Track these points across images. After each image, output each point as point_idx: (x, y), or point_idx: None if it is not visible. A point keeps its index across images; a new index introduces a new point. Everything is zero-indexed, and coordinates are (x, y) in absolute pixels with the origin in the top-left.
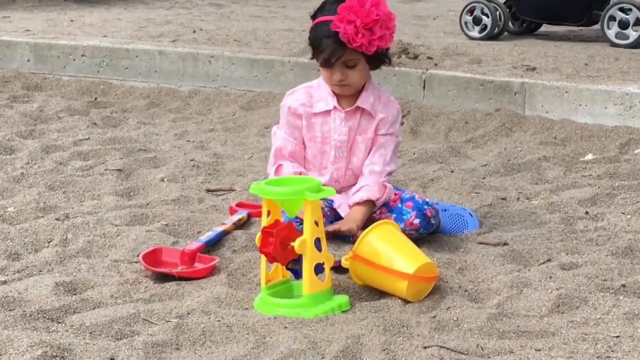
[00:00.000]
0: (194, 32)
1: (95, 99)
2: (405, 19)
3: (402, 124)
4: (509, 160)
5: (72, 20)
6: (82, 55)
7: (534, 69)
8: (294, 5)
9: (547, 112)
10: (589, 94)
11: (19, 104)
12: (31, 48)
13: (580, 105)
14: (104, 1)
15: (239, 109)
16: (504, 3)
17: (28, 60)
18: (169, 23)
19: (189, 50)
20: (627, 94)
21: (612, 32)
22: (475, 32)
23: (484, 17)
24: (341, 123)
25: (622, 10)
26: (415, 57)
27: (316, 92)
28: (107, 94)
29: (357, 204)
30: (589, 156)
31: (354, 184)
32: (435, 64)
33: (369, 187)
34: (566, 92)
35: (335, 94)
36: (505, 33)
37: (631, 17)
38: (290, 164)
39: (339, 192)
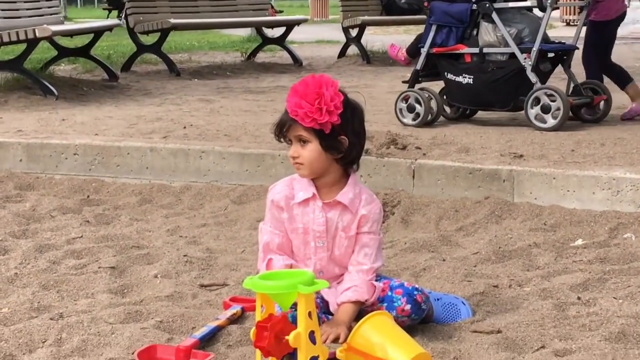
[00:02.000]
0: (185, 127)
1: (88, 196)
2: (393, 110)
3: (392, 214)
4: (499, 247)
5: (63, 119)
6: (74, 154)
7: (522, 156)
8: (282, 98)
9: (535, 198)
10: (576, 180)
11: (11, 204)
12: (23, 148)
13: (568, 191)
14: (94, 99)
15: (230, 203)
16: (439, 92)
17: (20, 160)
18: (159, 119)
19: (179, 146)
20: (614, 179)
21: (533, 112)
22: (409, 119)
23: (417, 105)
24: (319, 213)
25: (547, 95)
26: (404, 147)
27: (297, 183)
28: (99, 192)
29: (345, 303)
30: (579, 241)
31: (339, 275)
32: (424, 154)
33: (357, 288)
34: (554, 178)
35: (315, 186)
36: (441, 119)
37: (554, 105)
38: (279, 257)
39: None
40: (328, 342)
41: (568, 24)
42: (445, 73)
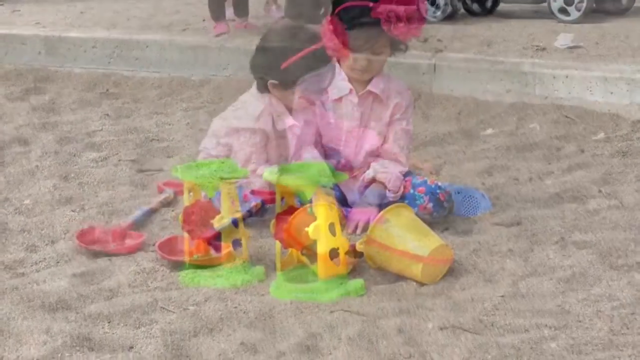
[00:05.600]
0: (204, 20)
1: (107, 90)
2: None
3: (413, 107)
4: (520, 140)
5: (82, 12)
6: (93, 47)
7: (544, 49)
8: None
9: (557, 91)
10: (600, 73)
11: (31, 96)
12: (42, 41)
13: (590, 83)
14: None
15: None
16: None
17: (39, 53)
18: (178, 12)
19: (199, 39)
20: (638, 72)
21: (556, 5)
22: (430, 13)
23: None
24: (353, 108)
25: None
26: (425, 40)
27: None
28: (118, 85)
29: (375, 183)
30: (601, 135)
31: (362, 168)
32: (445, 47)
33: (389, 176)
34: (576, 71)
35: (349, 80)
36: (463, 12)
37: None
38: (311, 150)
39: None
40: (359, 230)
41: None
42: None
